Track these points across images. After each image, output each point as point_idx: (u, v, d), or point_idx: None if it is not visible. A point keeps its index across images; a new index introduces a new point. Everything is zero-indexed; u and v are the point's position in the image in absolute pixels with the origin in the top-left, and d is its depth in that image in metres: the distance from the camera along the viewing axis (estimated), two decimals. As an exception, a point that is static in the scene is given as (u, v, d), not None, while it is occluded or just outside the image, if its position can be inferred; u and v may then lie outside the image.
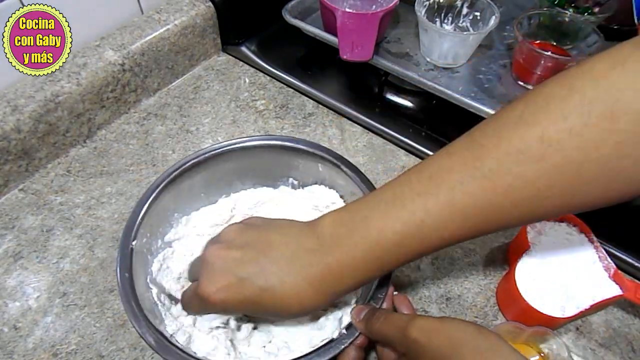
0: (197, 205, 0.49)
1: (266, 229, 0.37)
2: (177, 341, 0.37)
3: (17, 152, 0.52)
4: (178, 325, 0.39)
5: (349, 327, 0.37)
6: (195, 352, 0.37)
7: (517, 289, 0.43)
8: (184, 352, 0.35)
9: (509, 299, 0.45)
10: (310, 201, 0.49)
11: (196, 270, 0.39)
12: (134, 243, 0.40)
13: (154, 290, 0.42)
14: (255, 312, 0.37)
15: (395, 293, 0.41)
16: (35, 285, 0.47)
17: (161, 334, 0.36)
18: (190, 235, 0.47)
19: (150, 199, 0.43)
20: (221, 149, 0.47)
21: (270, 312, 0.35)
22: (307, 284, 0.33)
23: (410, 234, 0.31)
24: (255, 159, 0.49)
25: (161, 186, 0.44)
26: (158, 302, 0.41)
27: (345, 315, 0.40)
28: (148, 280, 0.42)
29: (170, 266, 0.44)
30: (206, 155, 0.47)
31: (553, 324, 0.42)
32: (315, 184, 0.50)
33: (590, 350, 0.45)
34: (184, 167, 0.46)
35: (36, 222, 0.51)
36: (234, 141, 0.48)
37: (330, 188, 0.50)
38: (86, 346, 0.43)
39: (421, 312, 0.46)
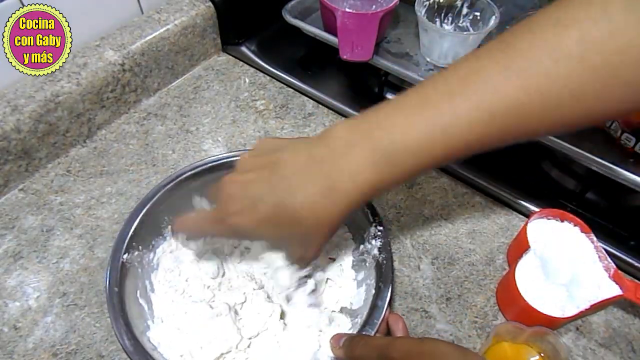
0: None
1: (277, 148, 0.36)
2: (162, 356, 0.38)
3: (17, 152, 0.52)
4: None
5: None
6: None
7: (517, 289, 0.43)
8: None
9: (509, 299, 0.45)
10: None
11: (213, 194, 0.38)
12: (125, 256, 0.40)
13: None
14: (273, 232, 0.35)
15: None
16: (35, 285, 0.47)
17: (148, 353, 0.35)
18: (182, 248, 0.46)
19: (144, 211, 0.42)
20: (218, 161, 0.46)
21: (286, 228, 0.34)
22: (319, 194, 0.32)
23: (435, 136, 0.30)
24: None
25: (155, 198, 0.43)
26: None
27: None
28: (138, 294, 0.41)
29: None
30: (202, 167, 0.46)
31: (553, 324, 0.42)
32: None
33: (590, 350, 0.45)
34: (178, 179, 0.45)
35: (36, 222, 0.51)
36: (230, 153, 0.47)
37: None
38: (86, 346, 0.43)
39: (421, 312, 0.46)
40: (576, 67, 0.27)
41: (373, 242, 0.43)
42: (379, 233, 0.42)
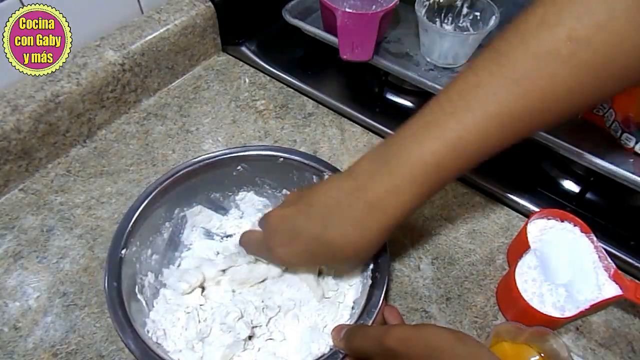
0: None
1: (312, 187, 0.39)
2: (163, 350, 0.38)
3: (17, 152, 0.52)
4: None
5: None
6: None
7: (517, 289, 0.43)
8: None
9: (509, 299, 0.45)
10: None
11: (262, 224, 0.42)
12: (123, 252, 0.40)
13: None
14: (315, 261, 0.40)
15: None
16: (35, 285, 0.47)
17: (147, 344, 0.36)
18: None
19: (141, 207, 0.42)
20: (213, 158, 0.46)
21: (328, 258, 0.38)
22: (351, 226, 0.35)
23: (449, 153, 0.31)
24: (249, 169, 0.48)
25: (152, 195, 0.43)
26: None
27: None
28: (137, 290, 0.41)
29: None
30: (199, 164, 0.46)
31: (553, 324, 0.42)
32: None
33: (590, 350, 0.45)
34: (175, 175, 0.45)
35: (36, 222, 0.51)
36: (226, 150, 0.47)
37: None
38: (86, 346, 0.43)
39: (421, 312, 0.46)
40: (570, 65, 0.28)
41: None
42: None
